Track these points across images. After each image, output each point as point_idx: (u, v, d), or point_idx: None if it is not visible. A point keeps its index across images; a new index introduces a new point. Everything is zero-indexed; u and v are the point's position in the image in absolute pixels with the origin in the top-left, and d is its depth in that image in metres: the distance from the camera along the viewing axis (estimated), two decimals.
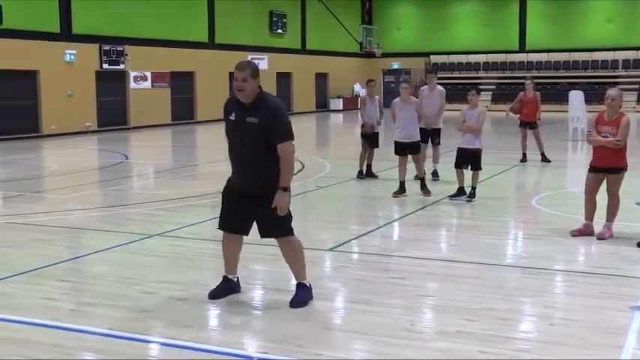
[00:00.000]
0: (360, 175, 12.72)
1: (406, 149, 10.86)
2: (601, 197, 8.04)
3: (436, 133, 12.42)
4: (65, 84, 23.98)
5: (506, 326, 5.13)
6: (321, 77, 38.85)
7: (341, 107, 38.87)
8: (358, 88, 39.09)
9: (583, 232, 7.96)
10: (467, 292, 5.92)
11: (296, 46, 36.70)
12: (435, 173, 12.44)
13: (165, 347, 4.86)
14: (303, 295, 5.62)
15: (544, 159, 15.04)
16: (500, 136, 21.79)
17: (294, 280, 5.76)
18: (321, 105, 38.91)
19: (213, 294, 5.77)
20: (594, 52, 38.10)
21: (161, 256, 7.31)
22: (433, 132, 12.31)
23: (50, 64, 23.43)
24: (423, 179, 10.96)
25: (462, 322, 5.18)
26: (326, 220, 9.30)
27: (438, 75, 14.39)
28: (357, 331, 5.05)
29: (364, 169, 12.78)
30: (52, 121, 23.45)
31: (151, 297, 5.86)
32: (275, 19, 34.59)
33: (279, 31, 34.95)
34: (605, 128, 7.84)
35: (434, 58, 41.01)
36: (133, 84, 26.72)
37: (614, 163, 7.83)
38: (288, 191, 5.36)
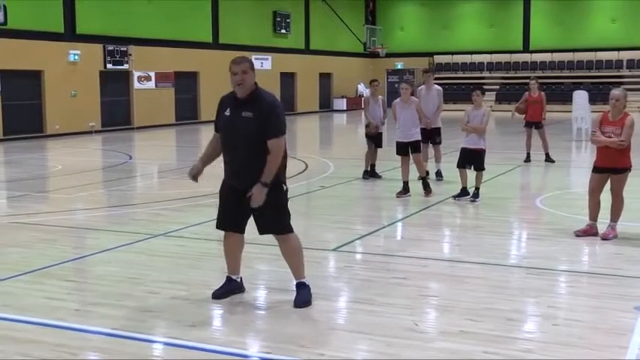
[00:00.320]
0: (365, 175, 12.72)
1: (407, 149, 10.86)
2: (605, 197, 8.03)
3: (436, 132, 12.41)
4: (69, 84, 24.03)
5: (510, 326, 5.13)
6: (324, 77, 38.86)
7: (345, 107, 38.88)
8: (362, 88, 39.09)
9: (587, 233, 7.95)
10: (470, 293, 5.92)
11: (300, 46, 36.71)
12: (439, 173, 12.43)
13: (168, 347, 4.86)
14: (306, 294, 5.62)
15: (548, 159, 15.02)
16: (504, 137, 21.77)
17: (294, 279, 5.75)
18: (325, 105, 38.91)
19: (216, 294, 5.77)
20: (599, 52, 38.04)
21: (165, 256, 7.32)
22: (433, 131, 12.29)
23: (54, 64, 23.48)
24: (424, 179, 10.95)
25: (465, 322, 5.18)
26: (330, 220, 9.30)
27: (442, 75, 14.41)
28: (361, 331, 5.05)
29: (369, 169, 12.79)
30: (56, 121, 23.51)
31: (154, 297, 5.87)
32: (279, 19, 34.61)
33: (283, 31, 34.97)
34: (609, 128, 7.83)
35: (437, 58, 40.98)
36: (136, 84, 26.76)
37: (618, 164, 7.82)
38: (266, 187, 5.28)
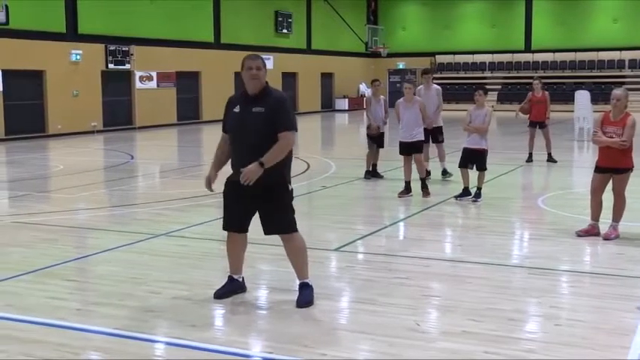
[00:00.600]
0: (367, 175, 12.72)
1: (410, 149, 10.86)
2: (607, 197, 8.02)
3: (438, 131, 12.43)
4: (71, 84, 24.06)
5: (512, 326, 5.12)
6: (326, 77, 38.86)
7: (346, 107, 38.89)
8: (364, 88, 39.09)
9: (589, 233, 7.94)
10: (472, 293, 5.91)
11: (301, 46, 36.72)
12: (445, 172, 12.43)
13: (170, 347, 4.86)
14: (308, 294, 5.62)
15: (550, 159, 15.02)
16: (506, 137, 21.76)
17: (297, 279, 5.76)
18: (327, 105, 38.91)
19: (218, 294, 5.77)
20: (600, 52, 38.01)
21: (167, 255, 7.32)
22: (434, 131, 12.30)
23: (56, 64, 23.51)
24: (423, 180, 10.94)
25: (467, 322, 5.18)
26: (331, 220, 9.30)
27: (444, 75, 14.41)
28: (363, 331, 5.04)
29: (371, 169, 12.80)
30: (58, 121, 23.53)
31: (156, 297, 5.87)
32: (280, 19, 34.62)
33: (285, 31, 34.97)
34: (610, 128, 7.82)
35: (439, 58, 40.97)
36: (138, 84, 26.78)
37: (620, 164, 7.81)
38: (262, 168, 5.26)
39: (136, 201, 11.26)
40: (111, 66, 25.46)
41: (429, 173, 12.42)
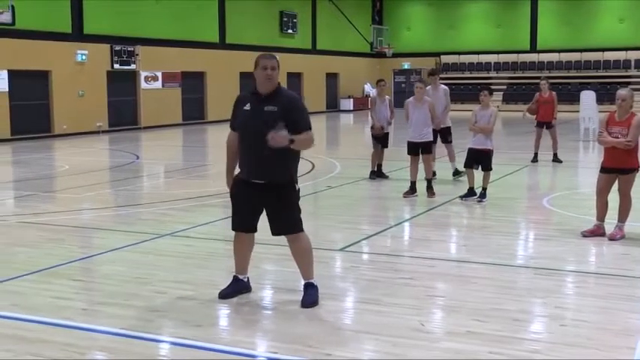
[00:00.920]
0: (372, 175, 12.72)
1: (418, 149, 10.84)
2: (613, 198, 8.01)
3: (446, 131, 12.41)
4: (76, 84, 24.11)
5: (517, 327, 5.12)
6: (331, 77, 38.86)
7: (351, 107, 38.88)
8: (369, 88, 39.07)
9: (594, 233, 7.93)
10: (477, 293, 5.91)
11: (306, 46, 36.72)
12: (457, 171, 12.39)
13: (175, 347, 4.87)
14: (313, 294, 5.62)
15: (555, 159, 15.00)
16: (511, 137, 21.73)
17: (302, 279, 5.76)
18: (332, 105, 38.91)
19: (223, 294, 5.78)
20: (606, 52, 37.92)
21: (172, 255, 7.34)
22: (443, 131, 12.30)
23: (62, 64, 23.56)
24: (430, 181, 10.92)
25: (472, 322, 5.18)
26: (337, 220, 9.30)
27: (449, 75, 14.40)
28: (367, 331, 5.05)
29: (376, 169, 12.80)
30: (63, 121, 23.59)
31: (161, 296, 5.88)
32: (285, 20, 34.64)
33: (290, 31, 34.99)
34: (616, 128, 7.81)
35: (444, 58, 40.94)
36: (143, 84, 26.82)
37: (626, 164, 7.80)
38: (290, 142, 5.27)
39: (141, 201, 11.28)
40: (116, 66, 25.51)
41: (434, 174, 12.41)
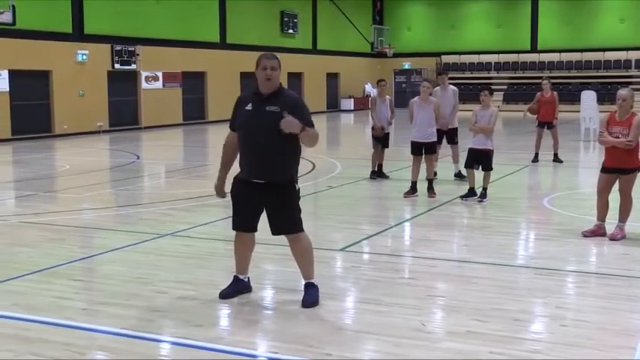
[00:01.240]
0: (372, 175, 12.72)
1: (421, 149, 10.82)
2: (613, 198, 8.00)
3: (453, 132, 12.38)
4: (77, 84, 24.11)
5: (518, 327, 5.12)
6: (332, 77, 38.85)
7: (352, 107, 38.88)
8: (369, 88, 39.07)
9: (595, 233, 7.93)
10: (478, 293, 5.91)
11: (307, 46, 36.72)
12: (460, 174, 12.36)
13: (176, 347, 4.87)
14: (314, 294, 5.62)
15: (556, 159, 14.99)
16: (512, 137, 21.73)
17: (303, 279, 5.76)
18: (332, 105, 38.90)
19: (224, 294, 5.78)
20: (607, 52, 37.91)
21: (172, 255, 7.34)
22: (450, 132, 12.28)
23: (62, 64, 23.56)
24: (431, 181, 10.91)
25: (472, 322, 5.17)
26: (337, 220, 9.30)
27: (450, 75, 14.38)
28: (368, 331, 5.05)
29: (377, 169, 12.79)
30: (64, 121, 23.59)
31: (162, 296, 5.88)
32: (286, 19, 34.64)
33: (290, 31, 34.99)
34: (616, 128, 7.81)
35: (445, 58, 40.95)
36: (144, 84, 26.83)
37: (627, 164, 7.80)
38: (301, 129, 5.30)
39: (142, 201, 11.28)
40: (117, 66, 25.51)
41: (435, 174, 12.41)
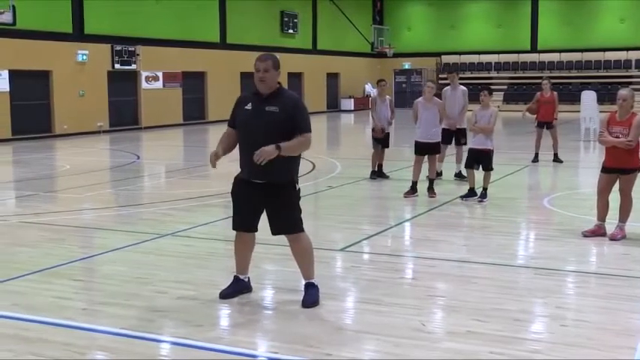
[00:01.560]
0: (372, 175, 12.72)
1: (426, 149, 10.81)
2: (614, 198, 8.00)
3: (461, 133, 12.33)
4: (77, 84, 24.12)
5: (518, 327, 5.12)
6: (332, 77, 38.86)
7: (352, 107, 38.88)
8: (369, 88, 39.06)
9: (595, 233, 7.93)
10: (478, 293, 5.91)
11: (307, 46, 36.72)
12: (460, 174, 12.35)
13: (176, 347, 4.87)
14: (314, 294, 5.62)
15: (556, 159, 14.99)
16: (512, 137, 21.72)
17: (303, 279, 5.76)
18: (332, 105, 38.91)
19: (224, 294, 5.78)
20: (607, 52, 37.91)
21: (173, 255, 7.34)
22: (458, 132, 12.26)
23: (62, 64, 23.57)
24: (432, 181, 10.90)
25: (472, 322, 5.17)
26: (337, 220, 9.30)
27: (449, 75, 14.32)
28: (368, 331, 5.05)
29: (377, 169, 12.79)
30: (64, 121, 23.59)
31: (162, 297, 5.88)
32: (286, 19, 34.64)
33: (291, 31, 34.99)
34: (616, 128, 7.81)
35: (445, 58, 40.94)
36: (144, 84, 26.83)
37: (627, 164, 7.80)
38: (278, 151, 5.24)
39: (142, 201, 11.28)
40: (117, 66, 25.51)
41: (440, 174, 12.42)
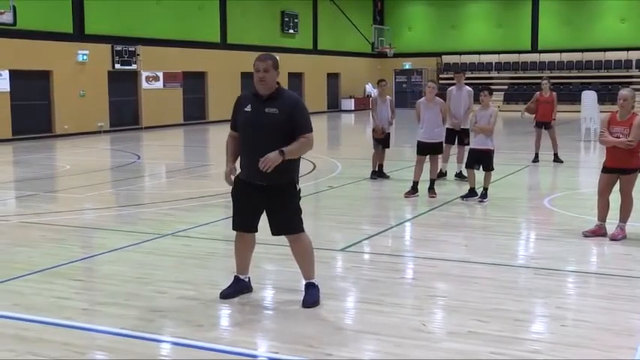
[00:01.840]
0: (373, 175, 12.71)
1: (428, 149, 10.80)
2: (614, 198, 8.00)
3: (465, 133, 12.29)
4: (78, 84, 24.12)
5: (518, 327, 5.11)
6: (332, 77, 38.86)
7: (352, 107, 38.88)
8: (370, 89, 39.07)
9: (596, 233, 7.92)
10: (478, 293, 5.91)
11: (308, 46, 36.72)
12: (460, 174, 12.34)
13: (176, 347, 4.87)
14: (315, 294, 5.62)
15: (556, 159, 14.98)
16: (512, 137, 21.72)
17: (303, 279, 5.76)
18: (333, 105, 38.91)
19: (224, 294, 5.77)
20: (607, 52, 37.90)
21: (173, 255, 7.33)
22: (462, 132, 12.25)
23: (63, 64, 23.57)
24: (433, 181, 10.90)
25: (473, 322, 5.17)
26: (338, 220, 9.30)
27: (450, 75, 14.35)
28: (368, 331, 5.04)
29: (377, 169, 12.79)
30: (64, 121, 23.60)
31: (162, 296, 5.88)
32: (287, 19, 34.64)
33: (291, 31, 34.99)
34: (617, 128, 7.81)
35: (446, 58, 40.94)
36: (145, 84, 26.83)
37: (627, 164, 7.79)
38: (282, 157, 5.27)
39: (143, 201, 11.28)
40: (117, 66, 25.51)
41: (445, 174, 12.41)
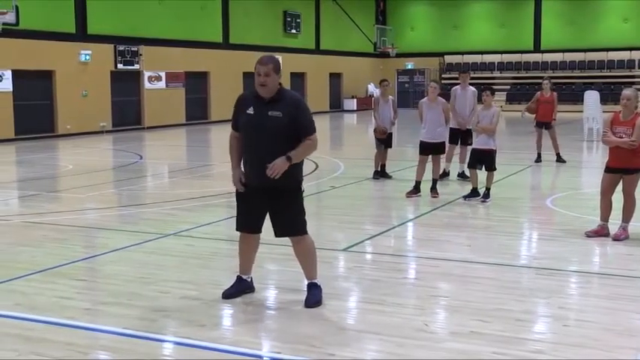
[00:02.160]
0: (375, 175, 12.71)
1: (431, 149, 10.80)
2: (617, 198, 7.99)
3: (468, 133, 12.27)
4: (80, 84, 24.14)
5: (521, 327, 5.11)
6: (335, 77, 38.85)
7: (355, 107, 38.87)
8: (372, 89, 39.05)
9: (598, 233, 7.92)
10: (481, 293, 5.91)
11: (310, 46, 36.71)
12: (463, 174, 12.34)
13: (178, 346, 4.88)
14: (317, 294, 5.62)
15: (559, 159, 14.97)
16: (515, 137, 21.70)
17: (305, 279, 5.76)
18: (335, 105, 38.91)
19: (227, 294, 5.78)
20: (610, 52, 37.84)
21: (175, 255, 7.34)
22: (466, 132, 12.25)
23: (65, 64, 23.59)
24: (435, 181, 10.89)
25: (475, 322, 5.17)
26: (340, 220, 9.30)
27: (453, 75, 14.36)
28: (371, 331, 5.05)
29: (380, 169, 12.79)
30: (67, 121, 23.62)
31: (165, 296, 5.89)
32: (289, 19, 34.64)
33: (293, 31, 34.99)
34: (620, 128, 7.80)
35: (448, 58, 40.91)
36: (147, 84, 26.85)
37: (630, 164, 7.78)
38: (289, 162, 5.29)
39: (145, 201, 11.28)
40: (120, 66, 25.54)
41: (448, 173, 12.40)
